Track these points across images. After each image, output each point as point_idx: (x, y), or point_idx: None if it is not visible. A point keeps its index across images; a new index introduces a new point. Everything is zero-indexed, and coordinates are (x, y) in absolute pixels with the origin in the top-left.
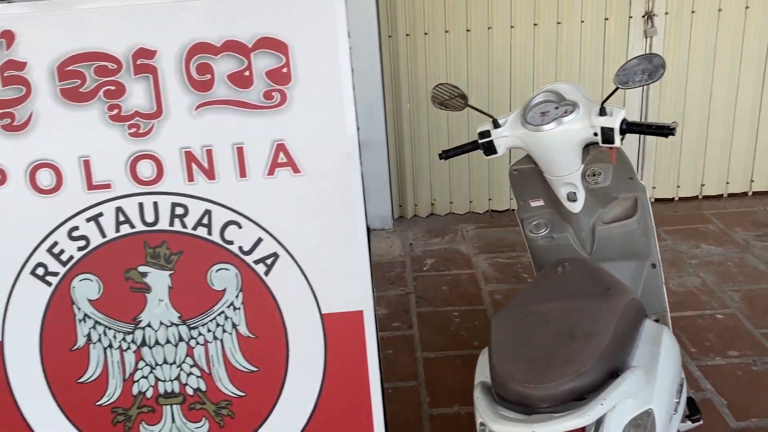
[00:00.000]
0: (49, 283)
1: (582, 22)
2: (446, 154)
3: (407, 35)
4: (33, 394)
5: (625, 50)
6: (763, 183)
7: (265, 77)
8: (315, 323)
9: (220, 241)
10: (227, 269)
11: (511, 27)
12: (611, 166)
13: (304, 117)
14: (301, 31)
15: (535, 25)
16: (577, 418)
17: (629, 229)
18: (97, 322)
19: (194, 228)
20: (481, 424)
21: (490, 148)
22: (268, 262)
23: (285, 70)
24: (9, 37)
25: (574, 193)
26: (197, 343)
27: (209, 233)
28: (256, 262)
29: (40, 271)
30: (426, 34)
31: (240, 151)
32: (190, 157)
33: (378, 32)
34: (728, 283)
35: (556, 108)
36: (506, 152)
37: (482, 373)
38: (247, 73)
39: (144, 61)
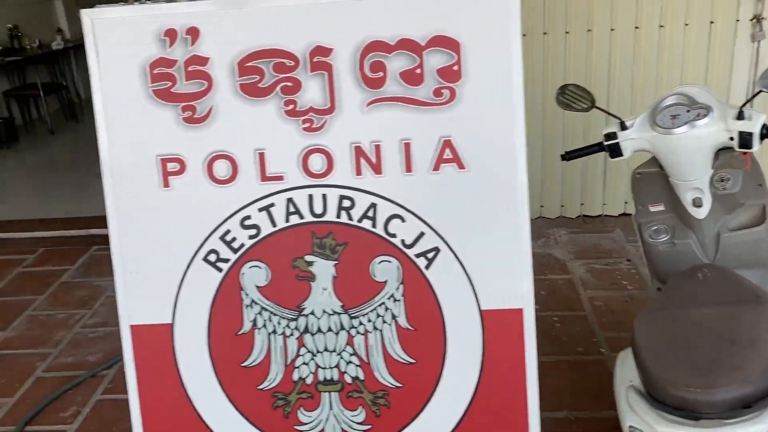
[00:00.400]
0: (219, 269)
1: (686, 25)
2: (569, 156)
3: (524, 35)
4: (199, 375)
5: (730, 54)
6: None
7: (436, 75)
8: (474, 319)
9: (383, 234)
10: (389, 261)
11: (612, 30)
12: (742, 171)
13: (472, 114)
14: (474, 30)
15: (636, 28)
16: (752, 426)
17: (757, 237)
18: (263, 308)
19: (359, 220)
20: (631, 427)
21: (615, 151)
22: (429, 256)
23: (456, 67)
24: (194, 33)
25: (700, 198)
26: (357, 333)
27: (373, 226)
28: (418, 255)
29: (212, 257)
30: (545, 34)
31: (407, 147)
32: (359, 152)
33: None
34: None
35: (688, 111)
36: (631, 155)
37: (626, 376)
38: (418, 70)
39: (320, 58)
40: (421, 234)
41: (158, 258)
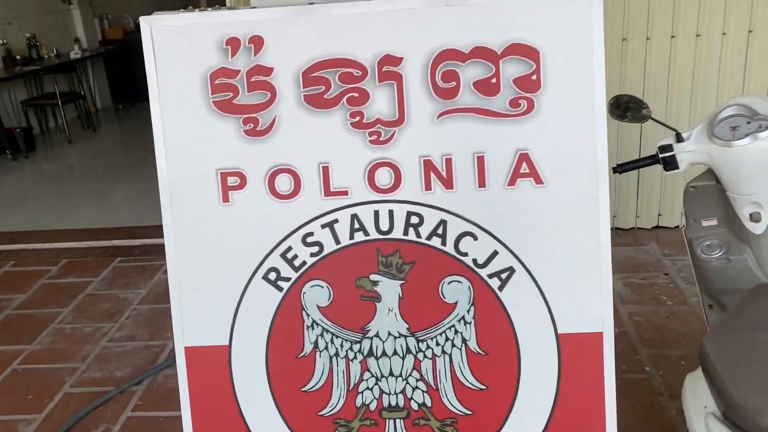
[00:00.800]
0: (280, 288)
1: (750, 32)
2: (621, 168)
3: None
4: (257, 400)
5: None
6: None
7: (513, 84)
8: (550, 343)
9: (454, 253)
10: (460, 282)
11: (672, 37)
12: None
13: (552, 126)
14: (554, 37)
15: (698, 36)
16: None
17: None
18: (325, 329)
19: (428, 238)
20: None
21: (671, 163)
22: (503, 276)
23: (534, 77)
24: (258, 42)
25: (759, 213)
26: (425, 357)
27: (443, 244)
28: (491, 276)
29: (273, 275)
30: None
31: (480, 161)
32: (428, 166)
33: None
34: None
35: (749, 123)
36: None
37: (700, 401)
38: (494, 80)
39: (389, 68)
40: (495, 253)
41: (216, 276)
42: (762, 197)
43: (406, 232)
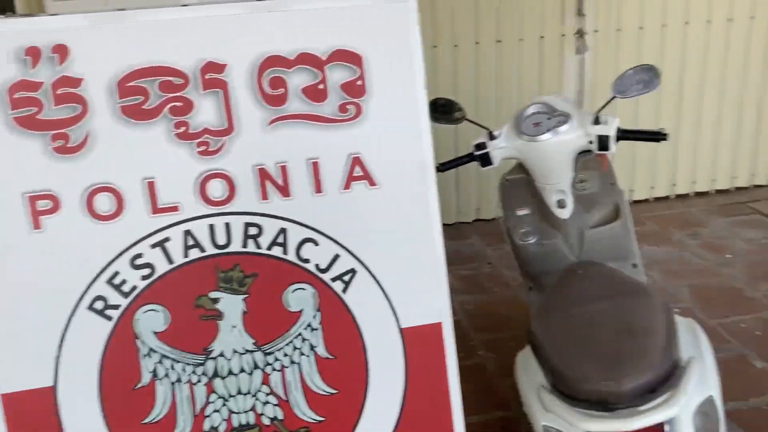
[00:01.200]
0: (109, 318)
1: (521, 40)
2: (443, 167)
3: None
4: None
5: (559, 67)
6: (684, 187)
7: (340, 90)
8: (395, 339)
9: (296, 260)
10: (304, 289)
11: (477, 43)
12: (598, 172)
13: (380, 129)
14: (375, 43)
15: (476, 43)
16: (670, 408)
17: (614, 232)
18: (164, 356)
19: (269, 248)
20: (546, 427)
21: (486, 160)
22: (346, 278)
23: (360, 82)
24: (62, 51)
25: (564, 200)
26: (273, 369)
27: (285, 252)
28: (334, 279)
29: (99, 305)
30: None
31: (315, 166)
32: (263, 174)
33: None
34: (676, 279)
35: (549, 119)
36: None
37: (532, 377)
38: (321, 86)
39: (213, 75)
40: (336, 256)
41: (33, 313)
42: (565, 185)
43: (245, 245)
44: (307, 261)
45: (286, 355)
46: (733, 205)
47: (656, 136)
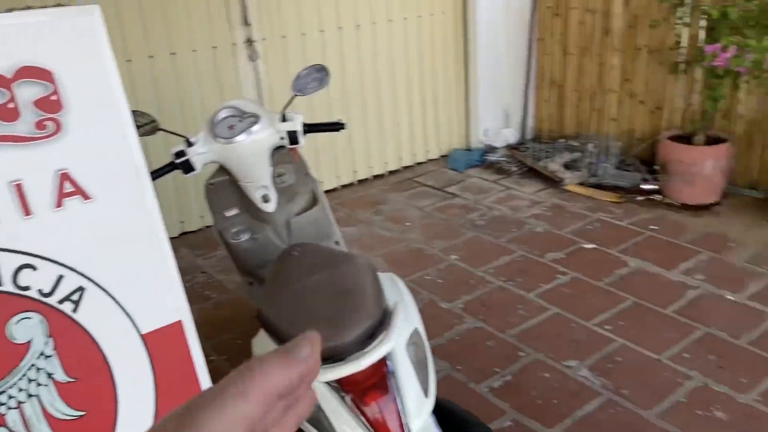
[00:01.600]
0: None
1: (194, 51)
2: (151, 176)
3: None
4: None
5: (236, 73)
6: (364, 172)
7: (34, 107)
8: (137, 346)
9: (14, 290)
10: (29, 317)
11: (127, 61)
12: (292, 165)
13: (85, 142)
14: (65, 57)
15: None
16: (386, 344)
17: (315, 216)
18: None
19: None
20: None
21: (188, 167)
22: (74, 298)
23: (54, 97)
24: None
25: (268, 194)
26: (9, 408)
27: (0, 284)
28: (61, 301)
29: None
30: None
31: (19, 188)
32: None
33: None
34: (370, 251)
35: (241, 121)
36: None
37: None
38: (11, 104)
39: None
40: (60, 277)
41: None
42: (266, 181)
43: None
44: (27, 288)
45: (21, 390)
46: (404, 182)
47: (336, 127)
